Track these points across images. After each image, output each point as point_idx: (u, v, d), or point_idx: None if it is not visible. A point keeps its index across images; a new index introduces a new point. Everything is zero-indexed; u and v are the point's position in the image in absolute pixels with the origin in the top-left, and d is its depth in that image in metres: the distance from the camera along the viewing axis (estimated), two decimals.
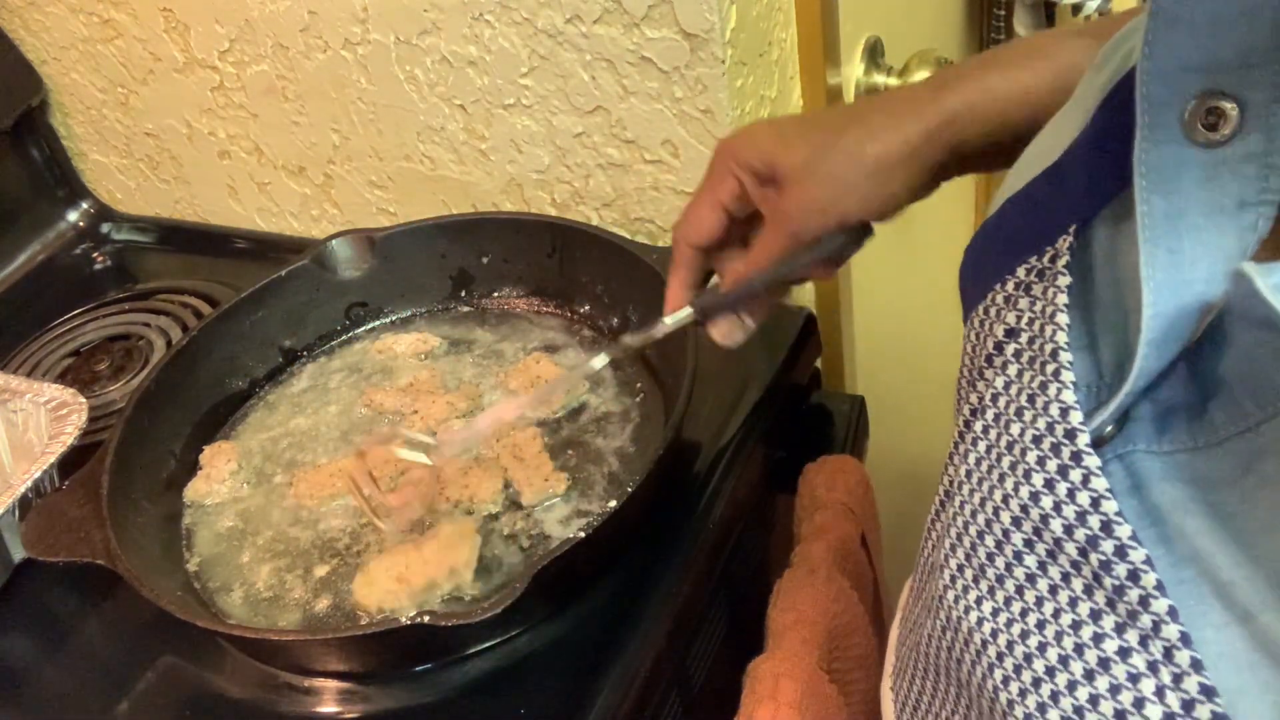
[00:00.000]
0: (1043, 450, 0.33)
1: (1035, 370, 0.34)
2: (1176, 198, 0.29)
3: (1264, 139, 0.28)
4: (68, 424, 0.68)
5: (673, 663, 0.60)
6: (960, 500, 0.37)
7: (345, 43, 0.81)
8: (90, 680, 0.62)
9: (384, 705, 0.58)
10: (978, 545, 0.35)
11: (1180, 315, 0.29)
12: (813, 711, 0.57)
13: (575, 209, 0.82)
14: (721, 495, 0.65)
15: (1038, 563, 0.33)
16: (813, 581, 0.64)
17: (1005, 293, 0.36)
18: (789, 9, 0.74)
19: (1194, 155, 0.29)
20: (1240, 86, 0.28)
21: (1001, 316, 0.36)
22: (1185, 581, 0.29)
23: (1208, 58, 0.28)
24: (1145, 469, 0.31)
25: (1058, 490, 0.32)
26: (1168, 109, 0.29)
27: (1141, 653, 0.29)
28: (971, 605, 0.35)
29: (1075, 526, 0.31)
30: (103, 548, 0.60)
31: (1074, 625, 0.31)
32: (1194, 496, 0.30)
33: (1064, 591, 0.32)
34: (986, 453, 0.35)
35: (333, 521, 0.66)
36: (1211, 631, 0.28)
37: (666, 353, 0.70)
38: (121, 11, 0.89)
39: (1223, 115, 0.28)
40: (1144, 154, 0.29)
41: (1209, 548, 0.29)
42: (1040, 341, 0.34)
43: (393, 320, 0.82)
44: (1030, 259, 0.35)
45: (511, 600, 0.51)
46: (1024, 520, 0.33)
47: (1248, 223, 0.29)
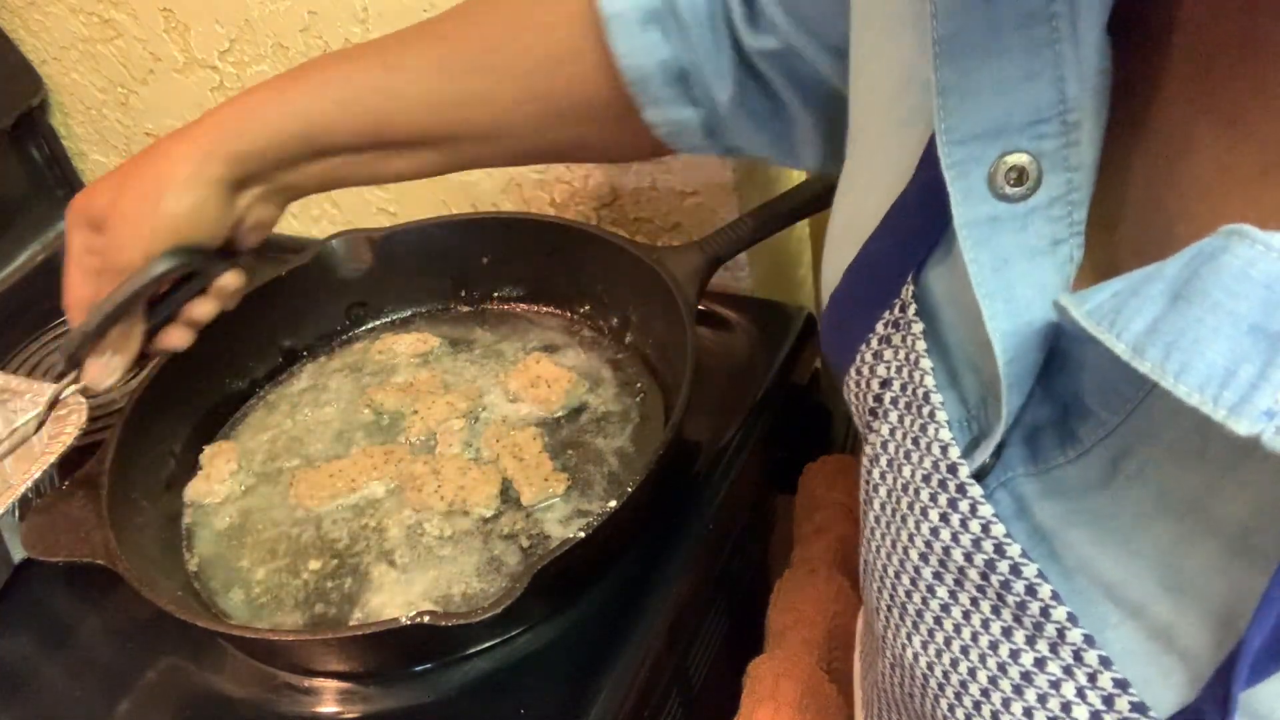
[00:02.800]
0: (932, 487, 0.35)
1: (913, 414, 0.36)
2: (999, 249, 0.31)
3: (1063, 182, 0.31)
4: (68, 424, 0.68)
5: (673, 663, 0.60)
6: (875, 544, 0.39)
7: (345, 43, 0.81)
8: (90, 680, 0.62)
9: (384, 705, 0.58)
10: (896, 585, 0.37)
11: (1028, 354, 0.32)
12: (813, 711, 0.57)
13: (575, 209, 0.82)
14: (721, 495, 0.65)
15: (949, 592, 0.35)
16: (813, 581, 0.64)
17: (872, 349, 0.38)
18: None
19: (1005, 210, 0.31)
20: (1034, 143, 0.30)
21: (874, 372, 0.38)
22: (1079, 590, 0.31)
23: (999, 123, 0.31)
24: (1026, 491, 0.33)
25: (952, 522, 0.34)
26: (973, 174, 0.31)
27: (1055, 660, 0.31)
28: (905, 641, 0.37)
29: (973, 553, 0.33)
30: (103, 548, 0.60)
31: (992, 645, 0.33)
32: (1072, 508, 0.32)
33: (976, 615, 0.34)
34: (888, 496, 0.37)
35: (333, 522, 0.66)
36: (1110, 632, 0.30)
37: (666, 353, 0.70)
38: (121, 11, 0.89)
39: (1023, 170, 0.31)
40: (962, 217, 0.31)
41: (1092, 553, 0.31)
42: (912, 386, 0.36)
43: (393, 320, 0.82)
44: (883, 314, 0.38)
45: (511, 600, 0.51)
46: (929, 555, 0.35)
47: (1063, 256, 0.31)
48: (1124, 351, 0.25)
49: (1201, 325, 0.24)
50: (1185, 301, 0.24)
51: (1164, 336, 0.24)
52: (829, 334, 0.42)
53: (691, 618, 0.62)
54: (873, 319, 0.38)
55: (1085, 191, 0.31)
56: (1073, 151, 0.30)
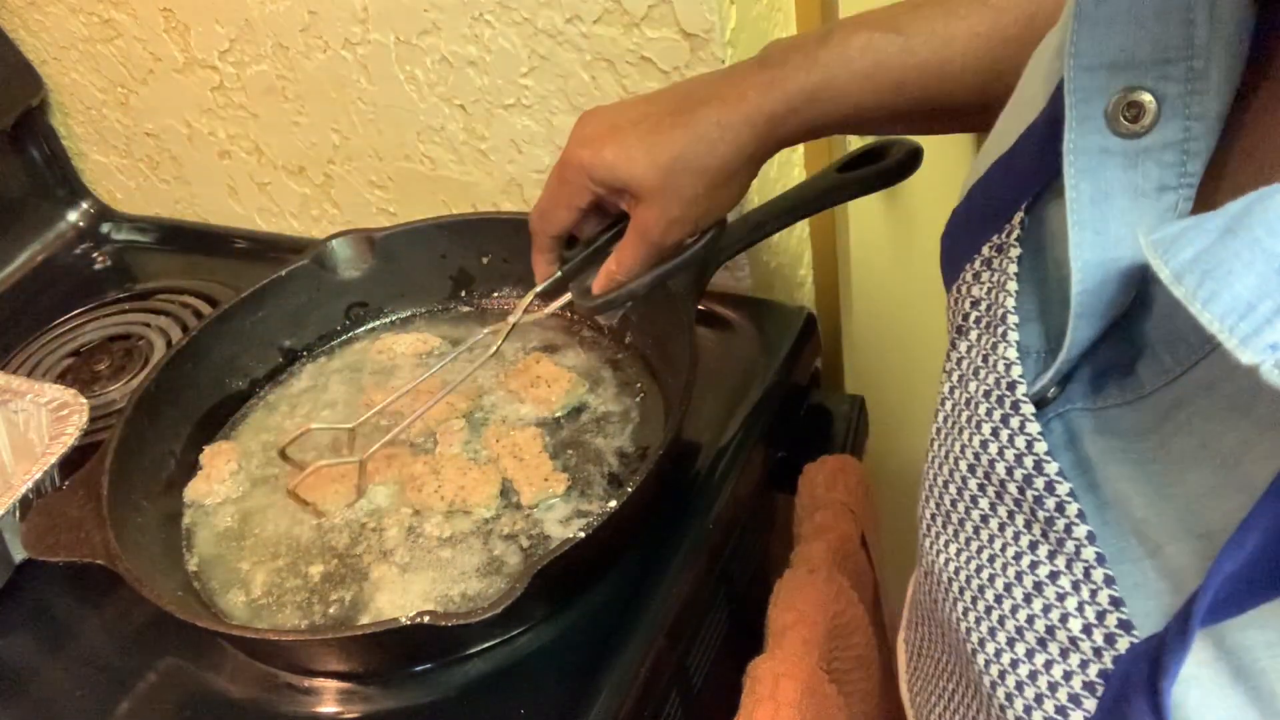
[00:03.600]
0: (990, 402, 0.36)
1: (989, 333, 0.37)
2: (1102, 183, 0.32)
3: (1180, 128, 0.31)
4: (69, 424, 0.68)
5: (673, 663, 0.60)
6: (931, 455, 0.40)
7: (345, 43, 0.81)
8: (90, 680, 0.62)
9: (384, 705, 0.58)
10: (944, 494, 0.39)
11: (1106, 289, 0.32)
12: (813, 711, 0.57)
13: None
14: (721, 495, 0.65)
15: (989, 504, 0.36)
16: (813, 581, 0.64)
17: (974, 270, 0.39)
18: (789, 9, 0.74)
19: (1117, 144, 0.31)
20: (1157, 81, 0.31)
21: (970, 291, 0.39)
22: (1109, 523, 0.32)
23: (1127, 55, 0.31)
24: (1080, 425, 0.34)
25: (1001, 436, 0.35)
26: (1093, 103, 0.32)
27: (1067, 574, 0.32)
28: (941, 548, 0.39)
29: (1015, 468, 0.34)
30: (103, 548, 0.60)
31: (1016, 556, 0.35)
32: (1119, 447, 0.33)
33: (1009, 527, 0.35)
34: (951, 410, 0.39)
35: (333, 522, 0.66)
36: (1129, 565, 0.31)
37: (666, 353, 0.70)
38: (121, 11, 0.89)
39: (1143, 108, 0.31)
40: (1072, 144, 0.32)
41: (1127, 491, 0.32)
42: (994, 308, 0.37)
43: (393, 320, 0.82)
44: (992, 236, 0.38)
45: (511, 600, 0.51)
46: (977, 466, 0.36)
47: (1168, 204, 0.31)
48: (1166, 276, 0.25)
49: (1238, 259, 0.24)
50: (1232, 235, 0.25)
51: (1203, 265, 0.25)
52: (944, 248, 0.43)
53: (691, 618, 0.62)
54: (981, 239, 0.39)
55: (1204, 143, 0.31)
56: (1196, 100, 0.30)
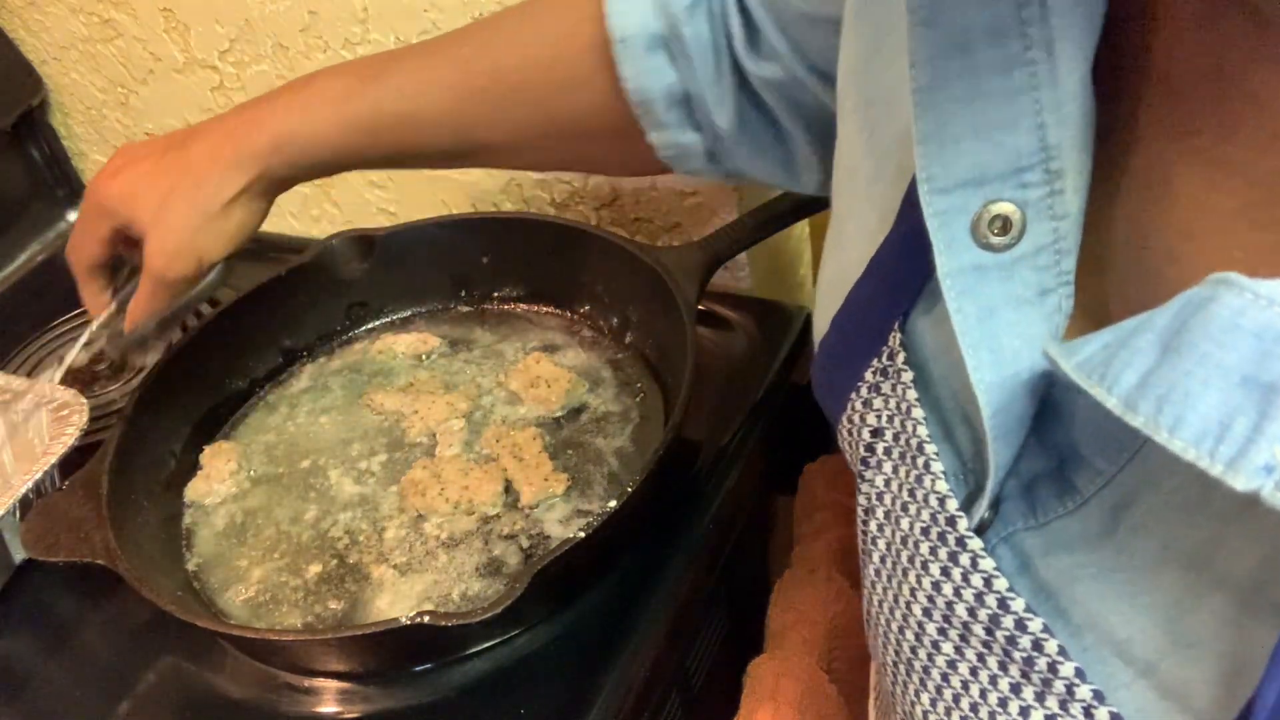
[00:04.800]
0: (931, 540, 0.34)
1: (908, 464, 0.35)
2: (983, 299, 0.31)
3: (1049, 230, 0.30)
4: (69, 424, 0.68)
5: (673, 663, 0.60)
6: (877, 599, 0.38)
7: (345, 43, 0.81)
8: (90, 680, 0.62)
9: (384, 705, 0.58)
10: (901, 640, 0.37)
11: (1015, 405, 0.31)
12: (813, 711, 0.57)
13: (575, 209, 0.82)
14: (721, 495, 0.65)
15: (954, 648, 0.34)
16: (813, 581, 0.64)
17: (862, 397, 0.38)
18: None
19: (990, 259, 0.30)
20: (1016, 190, 0.30)
21: (864, 420, 0.38)
22: (1089, 648, 0.30)
23: (981, 171, 0.30)
24: (1028, 546, 0.33)
25: (953, 576, 0.33)
26: (956, 223, 0.30)
27: (1065, 717, 0.30)
28: (913, 698, 0.37)
29: (976, 608, 0.32)
30: (103, 548, 0.60)
31: (1001, 702, 0.32)
32: (1076, 562, 0.31)
33: (984, 671, 0.33)
34: (887, 549, 0.37)
35: (333, 521, 0.67)
36: (1123, 691, 0.29)
37: (667, 353, 0.70)
38: (121, 11, 0.89)
39: (1007, 219, 0.30)
40: (945, 267, 0.31)
41: (1100, 609, 0.30)
42: (905, 436, 0.35)
43: (393, 320, 0.82)
44: (872, 361, 0.37)
45: (511, 600, 0.51)
46: (933, 610, 0.34)
47: (1052, 306, 0.31)
48: (1116, 406, 0.24)
49: (1191, 378, 0.23)
50: (1175, 353, 0.24)
51: (1155, 390, 0.24)
52: (821, 384, 0.42)
53: (691, 618, 0.62)
54: (862, 366, 0.38)
55: (1073, 239, 0.30)
56: (1057, 200, 0.30)
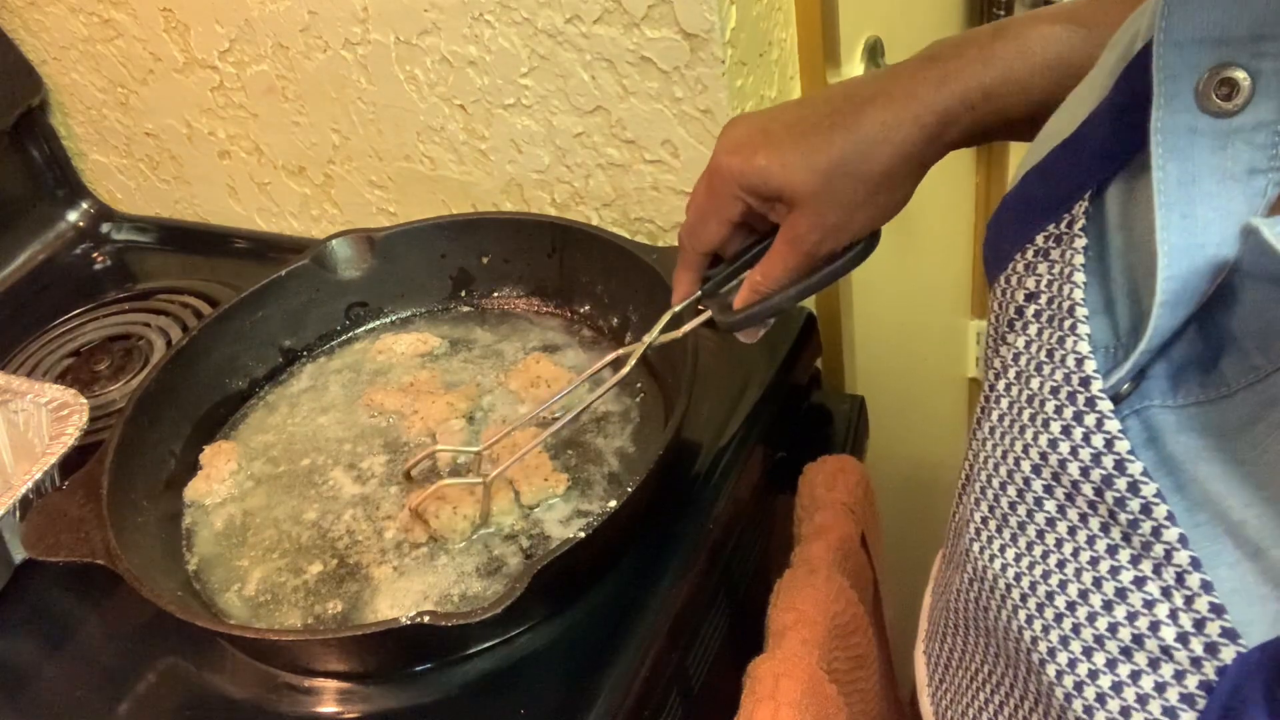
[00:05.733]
0: (1060, 399, 0.34)
1: (1054, 328, 0.35)
2: (1190, 164, 0.30)
3: (1275, 108, 0.30)
4: (69, 424, 0.68)
5: (673, 663, 0.60)
6: (984, 456, 0.38)
7: (345, 43, 0.81)
8: (90, 680, 0.62)
9: (384, 705, 0.58)
10: (1000, 496, 0.37)
11: (1193, 276, 0.31)
12: (813, 711, 0.57)
13: (575, 209, 0.82)
14: (721, 495, 0.65)
15: (1057, 506, 0.34)
16: (813, 581, 0.64)
17: (1026, 260, 0.37)
18: (789, 9, 0.74)
19: (1207, 124, 0.30)
20: (1252, 58, 0.29)
21: (1022, 283, 0.37)
22: (1200, 525, 0.31)
23: (1220, 31, 0.29)
24: (1160, 422, 0.33)
25: (1074, 435, 0.33)
26: (1183, 80, 0.30)
27: (1156, 580, 0.31)
28: (995, 553, 0.37)
29: (1091, 468, 0.33)
30: (103, 548, 0.60)
31: (1092, 561, 0.33)
32: (1208, 445, 0.31)
33: (1082, 531, 0.33)
34: (1009, 408, 0.37)
35: (333, 521, 0.66)
36: (1225, 570, 0.30)
37: (666, 353, 0.70)
38: (121, 11, 0.89)
39: (1235, 86, 0.29)
40: (1160, 122, 0.30)
41: (1221, 491, 0.30)
42: (1058, 300, 0.35)
43: (393, 320, 0.82)
44: (1048, 226, 0.37)
45: (511, 600, 0.51)
46: (1043, 467, 0.35)
47: (1258, 188, 0.30)
48: None
49: None
50: None
51: None
52: (990, 236, 0.41)
53: (691, 618, 0.62)
54: (1035, 229, 0.37)
55: None
56: None
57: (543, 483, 0.65)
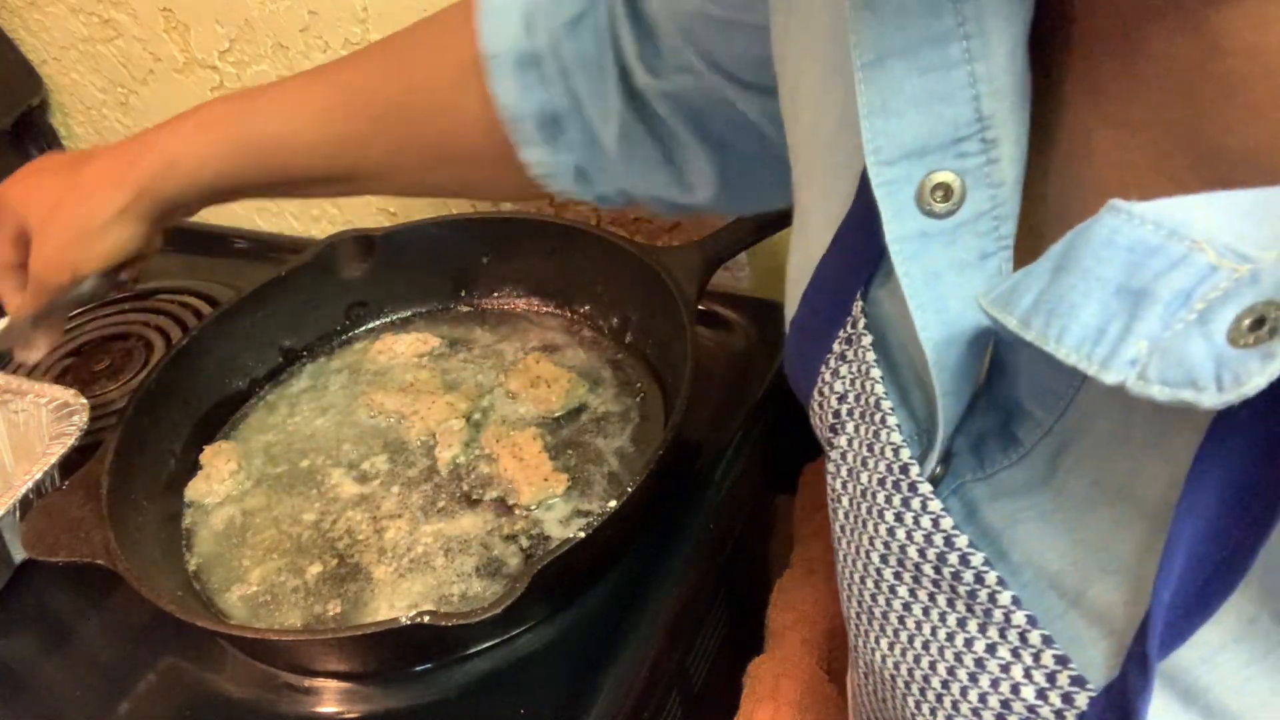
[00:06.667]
0: (887, 489, 0.36)
1: (867, 422, 0.37)
2: (929, 263, 0.32)
3: (987, 198, 0.32)
4: (69, 424, 0.68)
5: (673, 663, 0.60)
6: (842, 553, 0.40)
7: (345, 43, 0.81)
8: (90, 680, 0.62)
9: (384, 705, 0.58)
10: (863, 590, 0.38)
11: (962, 363, 0.33)
12: (813, 711, 0.57)
13: (575, 209, 0.82)
14: (721, 495, 0.65)
15: (908, 590, 0.36)
16: (813, 581, 0.64)
17: (830, 368, 0.40)
18: None
19: (934, 225, 0.32)
20: (956, 160, 0.32)
21: (833, 389, 0.39)
22: (1026, 584, 0.32)
23: (922, 142, 0.32)
24: (975, 495, 0.35)
25: (905, 520, 0.35)
26: (901, 193, 0.32)
27: (1004, 644, 0.32)
28: (874, 645, 0.38)
29: (925, 548, 0.34)
30: (103, 548, 0.60)
31: (949, 637, 0.34)
32: (1018, 506, 0.33)
33: (934, 610, 0.35)
34: (850, 505, 0.39)
35: (333, 521, 0.67)
36: (1057, 622, 0.31)
37: (667, 353, 0.70)
38: (121, 11, 0.89)
39: (949, 187, 0.32)
40: (893, 234, 0.33)
41: (1038, 547, 0.32)
42: (864, 397, 0.37)
43: (393, 320, 0.82)
44: (838, 332, 0.39)
45: (511, 600, 0.51)
46: (889, 555, 0.36)
47: (992, 269, 0.32)
48: (1015, 325, 0.27)
49: (1075, 291, 0.25)
50: (1064, 272, 0.26)
51: (1046, 305, 0.26)
52: (793, 363, 0.43)
53: (691, 618, 0.62)
54: (830, 339, 0.39)
55: (1011, 206, 0.32)
56: (994, 168, 0.32)
57: (543, 483, 0.65)
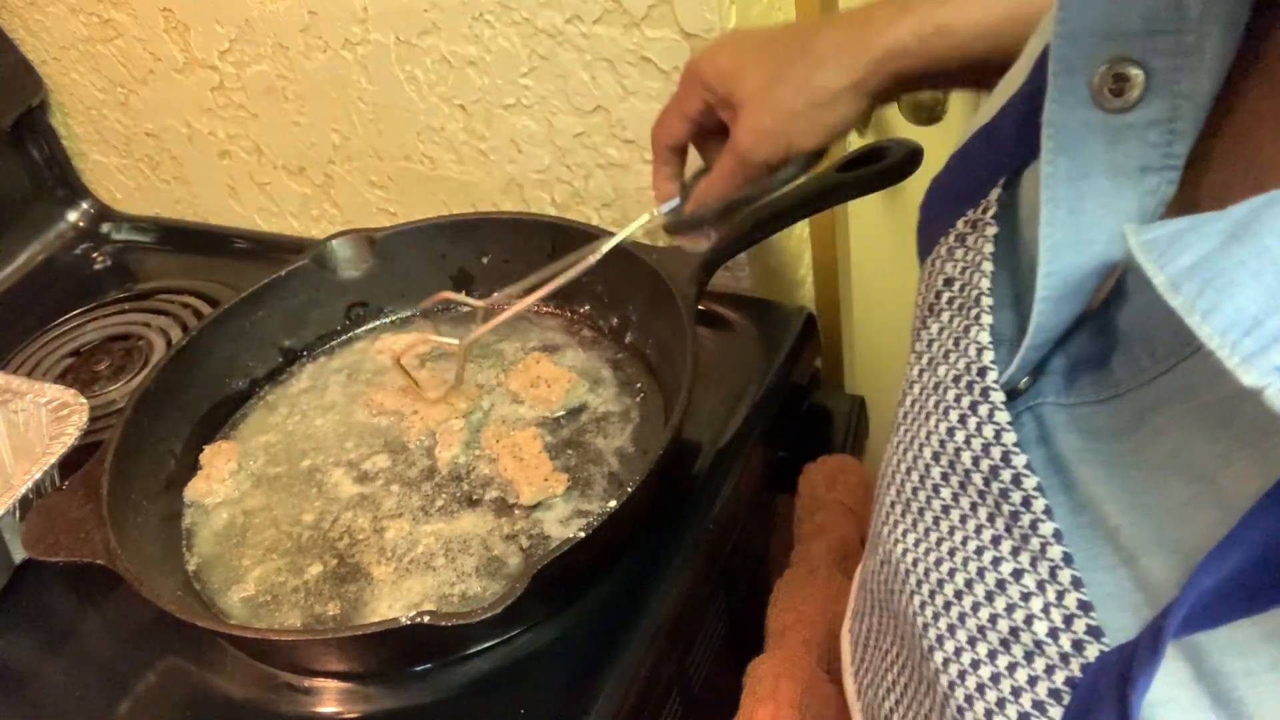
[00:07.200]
0: (959, 388, 0.34)
1: (962, 316, 0.35)
2: (1081, 160, 0.30)
3: (1168, 105, 0.29)
4: (69, 424, 0.68)
5: (673, 663, 0.60)
6: (896, 440, 0.39)
7: (345, 43, 0.81)
8: (90, 680, 0.62)
9: (384, 705, 0.58)
10: (905, 481, 0.37)
11: (1079, 274, 0.30)
12: (813, 711, 0.57)
13: (575, 209, 0.82)
14: (721, 495, 0.65)
15: (952, 494, 0.35)
16: (813, 581, 0.64)
17: (948, 244, 0.38)
18: (789, 9, 0.74)
19: (1100, 119, 0.30)
20: (1145, 53, 0.29)
21: (942, 267, 0.38)
22: (1082, 526, 0.31)
23: (1115, 25, 0.29)
24: (1052, 420, 0.33)
25: (968, 424, 0.34)
26: (1077, 74, 0.30)
27: (1032, 573, 0.31)
28: (899, 538, 0.37)
29: (981, 458, 0.33)
30: (103, 548, 0.60)
31: (979, 550, 0.33)
32: (1092, 447, 0.32)
33: (972, 520, 0.34)
34: (919, 394, 0.37)
35: (333, 521, 0.66)
36: (1102, 573, 0.30)
37: (667, 353, 0.70)
38: (121, 11, 0.89)
39: (1129, 81, 0.29)
40: (1052, 115, 0.30)
41: (1102, 494, 0.31)
42: (969, 288, 0.36)
43: (393, 320, 0.82)
44: (967, 211, 0.37)
45: (511, 600, 0.51)
46: (941, 455, 0.35)
47: (1149, 186, 0.30)
48: (1162, 283, 0.24)
49: (1243, 268, 0.22)
50: (1237, 241, 0.23)
51: (1203, 273, 0.23)
52: (922, 217, 0.41)
53: (691, 618, 0.62)
54: (957, 213, 0.37)
55: (1191, 123, 0.29)
56: (1186, 76, 0.28)
57: (543, 483, 0.65)
